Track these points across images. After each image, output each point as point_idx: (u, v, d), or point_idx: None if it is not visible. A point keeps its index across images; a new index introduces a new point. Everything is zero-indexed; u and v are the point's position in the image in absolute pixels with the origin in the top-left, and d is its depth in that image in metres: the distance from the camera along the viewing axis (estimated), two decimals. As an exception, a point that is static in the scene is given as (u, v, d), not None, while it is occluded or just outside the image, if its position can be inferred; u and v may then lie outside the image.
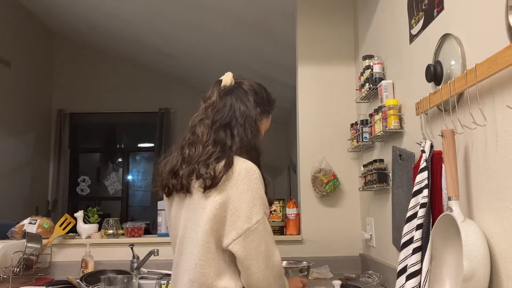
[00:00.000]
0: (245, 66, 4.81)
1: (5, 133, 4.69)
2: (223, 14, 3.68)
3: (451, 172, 1.11)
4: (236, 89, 1.39)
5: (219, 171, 1.21)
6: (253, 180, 1.22)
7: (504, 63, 0.95)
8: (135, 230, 2.44)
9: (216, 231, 1.21)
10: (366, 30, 2.25)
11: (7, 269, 2.03)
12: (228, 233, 1.20)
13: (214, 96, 1.37)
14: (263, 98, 1.44)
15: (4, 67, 4.57)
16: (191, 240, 1.24)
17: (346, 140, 2.38)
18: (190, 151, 1.29)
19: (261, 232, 1.21)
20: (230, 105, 1.35)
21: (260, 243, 1.20)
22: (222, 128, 1.30)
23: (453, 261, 1.12)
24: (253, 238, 1.19)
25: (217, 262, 1.22)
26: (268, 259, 1.22)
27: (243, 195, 1.21)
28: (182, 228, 1.29)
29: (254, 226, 1.19)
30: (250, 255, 1.19)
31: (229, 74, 1.44)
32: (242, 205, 1.20)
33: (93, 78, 6.10)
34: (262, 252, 1.21)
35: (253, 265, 1.20)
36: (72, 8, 4.54)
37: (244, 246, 1.19)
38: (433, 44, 1.37)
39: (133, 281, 1.79)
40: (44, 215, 3.18)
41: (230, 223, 1.20)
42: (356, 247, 2.37)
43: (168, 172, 1.31)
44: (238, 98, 1.37)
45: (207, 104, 1.37)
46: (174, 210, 1.34)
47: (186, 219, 1.28)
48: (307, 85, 2.50)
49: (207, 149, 1.26)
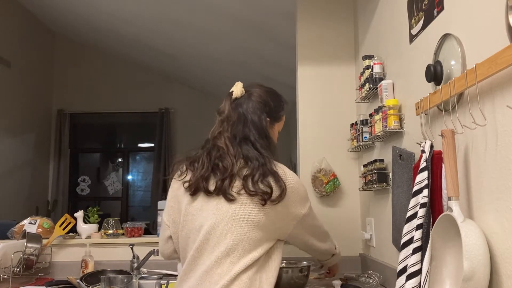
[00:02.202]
0: (245, 66, 4.81)
1: (5, 133, 4.69)
2: (223, 14, 3.69)
3: (451, 172, 1.11)
4: (246, 100, 1.46)
5: (275, 188, 1.32)
6: (300, 183, 1.43)
7: (504, 63, 0.95)
8: (135, 230, 2.44)
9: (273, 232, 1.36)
10: (366, 30, 2.25)
11: (7, 269, 2.03)
12: (288, 224, 1.39)
13: (227, 109, 1.45)
14: (271, 107, 1.50)
15: (4, 67, 4.57)
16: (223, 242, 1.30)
17: (346, 140, 2.38)
18: (223, 163, 1.35)
19: (312, 215, 1.47)
20: (244, 118, 1.43)
21: (312, 223, 1.49)
22: (243, 142, 1.39)
23: (453, 261, 1.12)
24: (308, 220, 1.44)
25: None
26: (320, 231, 1.58)
27: (299, 197, 1.40)
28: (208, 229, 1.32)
29: (308, 211, 1.43)
30: (306, 235, 1.49)
31: (239, 85, 1.50)
32: (297, 199, 1.39)
33: (93, 78, 6.11)
34: (315, 228, 1.52)
35: (309, 241, 1.53)
36: (72, 8, 4.54)
37: (301, 229, 1.44)
38: (433, 44, 1.37)
39: (133, 281, 1.79)
40: (44, 215, 3.18)
41: (287, 216, 1.37)
42: (356, 247, 2.37)
43: (199, 176, 1.37)
44: (249, 110, 1.44)
45: (222, 117, 1.45)
46: (196, 209, 1.37)
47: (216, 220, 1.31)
48: (307, 85, 2.50)
49: (242, 164, 1.35)
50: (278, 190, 1.31)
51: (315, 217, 1.49)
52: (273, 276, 1.33)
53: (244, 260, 1.27)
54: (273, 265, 1.35)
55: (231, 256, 1.27)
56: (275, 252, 1.38)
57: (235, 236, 1.28)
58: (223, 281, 1.24)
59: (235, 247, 1.28)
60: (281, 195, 1.32)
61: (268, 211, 1.31)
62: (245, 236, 1.29)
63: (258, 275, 1.30)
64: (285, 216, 1.36)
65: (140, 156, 6.67)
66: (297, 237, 1.47)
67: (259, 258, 1.30)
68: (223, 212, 1.31)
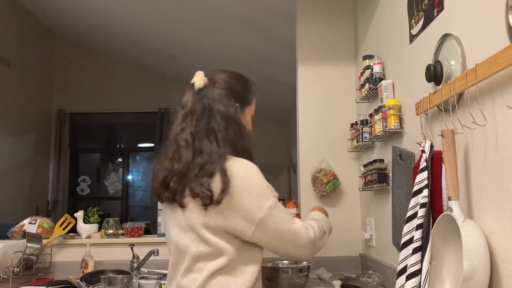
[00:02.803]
0: (245, 66, 4.81)
1: (5, 133, 4.69)
2: (223, 14, 3.69)
3: (451, 172, 1.11)
4: (210, 89, 1.33)
5: (216, 188, 1.19)
6: (253, 177, 1.25)
7: (504, 63, 0.95)
8: (135, 230, 2.44)
9: (223, 235, 1.23)
10: (366, 30, 2.25)
11: (7, 269, 2.03)
12: (245, 227, 1.22)
13: (190, 102, 1.33)
14: (239, 91, 1.38)
15: (4, 67, 4.57)
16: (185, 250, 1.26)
17: (346, 140, 2.38)
18: (178, 164, 1.26)
19: (276, 216, 1.24)
20: (209, 109, 1.30)
21: (277, 226, 1.24)
22: (206, 136, 1.27)
23: (453, 261, 1.12)
24: (271, 223, 1.23)
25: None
26: (292, 236, 1.27)
27: (249, 194, 1.22)
28: (174, 235, 1.29)
29: (267, 213, 1.22)
30: (272, 240, 1.25)
31: (200, 74, 1.37)
32: (248, 200, 1.21)
33: (93, 78, 6.11)
34: (283, 234, 1.25)
35: (281, 247, 1.28)
36: (72, 8, 4.54)
37: (264, 233, 1.23)
38: (433, 44, 1.37)
39: (133, 281, 1.79)
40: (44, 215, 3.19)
41: (243, 218, 1.21)
42: (356, 247, 2.37)
43: (160, 183, 1.30)
44: (215, 99, 1.31)
45: (186, 111, 1.33)
46: (167, 218, 1.35)
47: (180, 228, 1.28)
48: (307, 85, 2.50)
49: (196, 161, 1.24)
50: (220, 191, 1.19)
51: (283, 220, 1.26)
52: (249, 281, 1.23)
53: (211, 264, 1.21)
54: (247, 269, 1.25)
55: (198, 263, 1.23)
56: (249, 255, 1.26)
57: (194, 243, 1.23)
58: (194, 286, 1.21)
59: (199, 253, 1.22)
60: (222, 197, 1.19)
61: (214, 215, 1.20)
62: (202, 242, 1.22)
63: (232, 279, 1.22)
64: (234, 219, 1.21)
65: (140, 156, 6.67)
66: (264, 243, 1.27)
67: (229, 263, 1.22)
68: (180, 221, 1.27)
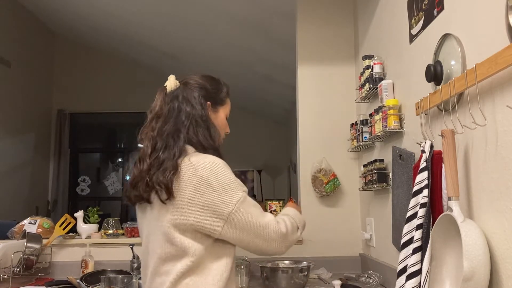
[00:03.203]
0: (245, 66, 4.81)
1: (5, 133, 4.69)
2: (223, 14, 3.69)
3: (451, 172, 1.11)
4: (181, 91, 1.36)
5: (168, 182, 1.20)
6: (219, 171, 1.23)
7: (504, 63, 0.95)
8: (135, 230, 2.44)
9: (191, 233, 1.21)
10: (366, 30, 2.25)
11: (7, 269, 2.03)
12: (214, 223, 1.20)
13: (158, 106, 1.35)
14: (209, 90, 1.39)
15: (4, 67, 4.57)
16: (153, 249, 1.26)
17: (346, 140, 2.38)
18: (140, 165, 1.28)
19: (245, 210, 1.22)
20: (177, 110, 1.32)
21: (247, 220, 1.22)
22: (171, 136, 1.28)
23: (453, 261, 1.12)
24: (240, 218, 1.21)
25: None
26: (263, 229, 1.25)
27: (216, 188, 1.21)
28: (145, 237, 1.31)
29: (235, 207, 1.21)
30: (243, 235, 1.23)
31: (172, 78, 1.40)
32: (215, 195, 1.20)
33: (93, 78, 6.11)
34: (254, 228, 1.23)
35: (252, 242, 1.25)
36: (72, 8, 4.54)
37: (234, 229, 1.21)
38: (433, 44, 1.37)
39: (133, 281, 1.79)
40: (44, 215, 3.18)
41: (211, 214, 1.20)
42: (356, 247, 2.37)
43: (129, 185, 1.32)
44: (184, 100, 1.34)
45: (152, 115, 1.35)
46: (138, 221, 1.37)
47: (148, 229, 1.29)
48: (307, 85, 2.50)
49: (157, 158, 1.25)
50: (171, 186, 1.19)
51: (252, 214, 1.24)
52: (221, 281, 1.21)
53: (179, 265, 1.20)
54: (219, 268, 1.23)
55: (164, 265, 1.22)
56: (220, 253, 1.24)
57: (160, 244, 1.22)
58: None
59: (166, 254, 1.22)
60: (173, 191, 1.19)
61: (175, 211, 1.20)
62: (167, 243, 1.21)
63: (201, 280, 1.20)
64: (202, 215, 1.19)
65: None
66: (234, 239, 1.24)
67: (196, 262, 1.20)
68: (149, 223, 1.28)
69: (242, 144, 5.78)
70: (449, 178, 1.11)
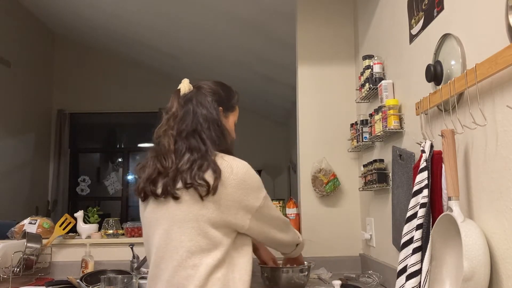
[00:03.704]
0: (245, 66, 4.81)
1: (5, 133, 4.69)
2: (223, 14, 3.69)
3: (451, 172, 1.11)
4: (195, 94, 1.43)
5: (210, 179, 1.26)
6: (250, 171, 1.35)
7: (504, 63, 0.95)
8: (135, 230, 2.44)
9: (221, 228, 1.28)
10: (366, 30, 2.25)
11: (7, 269, 2.03)
12: (243, 217, 1.31)
13: (174, 107, 1.41)
14: (222, 96, 1.47)
15: (4, 67, 4.57)
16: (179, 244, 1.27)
17: (346, 140, 2.38)
18: (163, 162, 1.32)
19: (268, 205, 1.38)
20: (193, 112, 1.39)
21: (270, 213, 1.40)
22: (191, 135, 1.34)
23: (453, 261, 1.12)
24: (265, 211, 1.37)
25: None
26: (280, 220, 1.46)
27: (249, 186, 1.32)
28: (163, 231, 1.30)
29: (262, 202, 1.34)
30: (265, 227, 1.39)
31: (186, 81, 1.47)
32: (248, 191, 1.31)
33: (93, 78, 6.11)
34: (274, 220, 1.42)
35: (271, 233, 1.43)
36: (72, 8, 4.54)
37: (259, 222, 1.35)
38: (433, 44, 1.37)
39: (133, 281, 1.79)
40: (44, 215, 3.19)
41: (242, 209, 1.30)
42: (356, 247, 2.37)
43: (145, 179, 1.34)
44: (198, 103, 1.40)
45: (169, 115, 1.41)
46: (149, 215, 1.36)
47: (171, 223, 1.29)
48: (307, 85, 2.50)
49: (186, 158, 1.31)
50: (215, 182, 1.26)
51: (271, 207, 1.41)
52: (246, 274, 1.29)
53: (207, 260, 1.24)
54: (243, 262, 1.31)
55: (192, 258, 1.24)
56: (242, 248, 1.33)
57: (190, 237, 1.25)
58: (191, 285, 1.22)
59: (193, 248, 1.25)
60: (217, 187, 1.25)
61: (211, 205, 1.26)
62: (200, 236, 1.25)
63: (230, 276, 1.26)
64: (235, 209, 1.28)
65: (140, 156, 6.66)
66: (257, 231, 1.37)
67: (224, 256, 1.26)
68: (174, 215, 1.28)
69: (242, 144, 5.76)
70: (449, 178, 1.11)
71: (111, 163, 6.54)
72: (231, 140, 1.46)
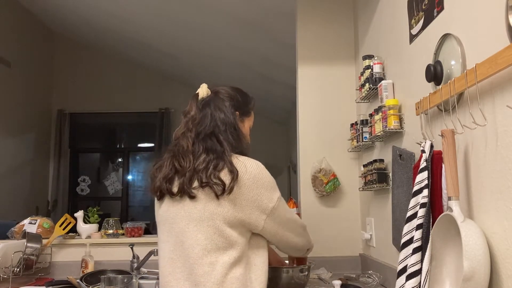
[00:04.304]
0: (245, 66, 4.81)
1: (5, 133, 4.69)
2: (223, 14, 3.69)
3: (451, 172, 1.11)
4: (212, 99, 1.47)
5: (226, 178, 1.29)
6: (264, 172, 1.37)
7: (504, 63, 0.95)
8: (135, 230, 2.44)
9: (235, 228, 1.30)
10: (366, 30, 2.25)
11: (7, 269, 2.03)
12: (258, 217, 1.32)
13: (193, 110, 1.46)
14: (239, 101, 1.52)
15: (4, 67, 4.57)
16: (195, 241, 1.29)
17: (346, 140, 2.38)
18: (181, 162, 1.35)
19: (283, 207, 1.40)
20: (211, 115, 1.43)
21: (285, 215, 1.40)
22: (208, 137, 1.38)
23: (453, 261, 1.12)
24: (280, 213, 1.37)
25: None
26: (295, 224, 1.47)
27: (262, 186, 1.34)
28: (179, 229, 1.32)
29: (276, 203, 1.36)
30: (279, 229, 1.39)
31: (204, 86, 1.52)
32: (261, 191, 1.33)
33: (93, 78, 6.11)
34: (289, 222, 1.42)
35: (285, 236, 1.43)
36: (72, 8, 4.54)
37: (274, 222, 1.36)
38: (433, 44, 1.37)
39: (133, 281, 1.79)
40: (44, 215, 3.18)
41: (256, 209, 1.31)
42: (356, 247, 2.37)
43: (162, 178, 1.38)
44: (216, 107, 1.44)
45: (187, 118, 1.45)
46: (164, 213, 1.38)
47: (186, 222, 1.31)
48: (307, 85, 2.50)
49: (202, 158, 1.34)
50: (231, 182, 1.28)
51: (287, 209, 1.43)
52: (262, 275, 1.32)
53: (223, 258, 1.26)
54: (260, 262, 1.34)
55: (208, 256, 1.26)
56: (257, 249, 1.36)
57: (206, 235, 1.28)
58: (209, 283, 1.24)
59: (209, 246, 1.27)
60: (233, 186, 1.28)
61: (226, 204, 1.28)
62: (215, 234, 1.27)
63: (247, 276, 1.29)
64: (249, 209, 1.31)
65: (140, 156, 6.67)
66: (272, 233, 1.38)
67: (240, 256, 1.29)
68: (190, 214, 1.31)
69: (242, 144, 5.77)
70: (449, 178, 1.11)
71: (111, 163, 6.54)
72: (247, 144, 1.50)
